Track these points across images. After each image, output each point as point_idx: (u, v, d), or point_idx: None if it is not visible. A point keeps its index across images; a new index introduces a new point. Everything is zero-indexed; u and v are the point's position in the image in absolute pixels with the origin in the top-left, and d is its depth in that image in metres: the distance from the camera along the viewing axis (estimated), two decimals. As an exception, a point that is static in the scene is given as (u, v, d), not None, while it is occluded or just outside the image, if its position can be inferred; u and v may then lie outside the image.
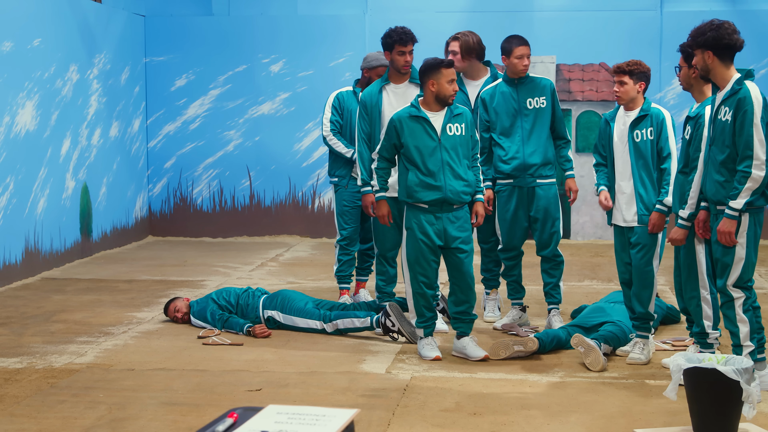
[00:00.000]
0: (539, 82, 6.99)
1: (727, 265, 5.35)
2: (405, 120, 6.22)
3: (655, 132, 6.09)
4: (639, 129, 6.10)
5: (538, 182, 6.95)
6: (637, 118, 6.11)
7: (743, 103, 5.20)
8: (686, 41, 5.55)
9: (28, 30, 9.38)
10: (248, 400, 5.38)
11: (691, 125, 5.72)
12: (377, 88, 7.10)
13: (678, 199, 5.77)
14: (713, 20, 5.36)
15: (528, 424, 5.03)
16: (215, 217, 12.21)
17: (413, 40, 7.06)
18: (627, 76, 6.10)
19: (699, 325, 5.83)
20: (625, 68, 6.10)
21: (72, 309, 7.89)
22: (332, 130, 7.79)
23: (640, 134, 6.10)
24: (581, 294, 8.38)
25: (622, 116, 6.20)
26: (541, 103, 6.94)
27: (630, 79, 6.09)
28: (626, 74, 6.10)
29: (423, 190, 6.16)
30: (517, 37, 6.98)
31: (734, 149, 5.26)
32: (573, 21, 11.63)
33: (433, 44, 11.46)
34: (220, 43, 12.04)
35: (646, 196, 6.12)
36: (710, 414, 4.56)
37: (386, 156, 6.33)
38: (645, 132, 6.10)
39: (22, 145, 9.23)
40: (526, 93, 6.94)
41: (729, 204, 5.25)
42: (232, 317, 7.02)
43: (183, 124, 12.21)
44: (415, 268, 6.23)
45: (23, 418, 5.14)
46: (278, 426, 2.95)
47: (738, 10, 11.42)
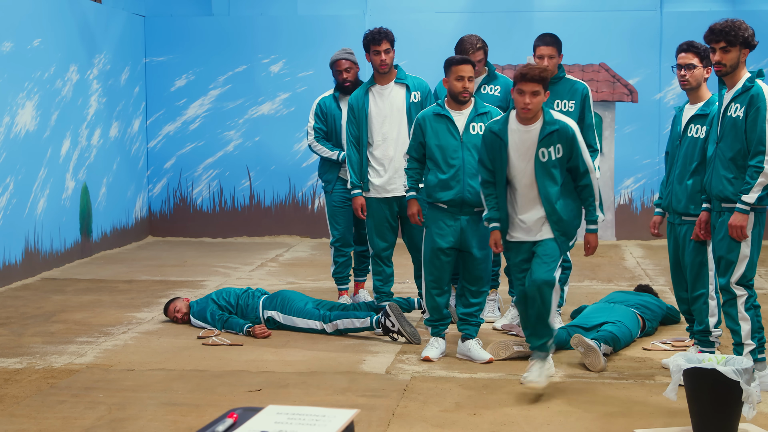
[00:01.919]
0: (572, 85, 6.72)
1: (732, 262, 5.38)
2: (429, 119, 6.23)
3: (565, 149, 5.60)
4: (545, 147, 5.56)
5: None
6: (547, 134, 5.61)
7: (756, 100, 5.25)
8: (713, 38, 5.34)
9: (28, 30, 9.38)
10: (248, 401, 5.38)
11: (703, 123, 5.73)
12: (363, 91, 7.13)
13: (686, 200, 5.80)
14: (736, 19, 5.36)
15: (528, 424, 5.03)
16: (215, 217, 12.21)
17: (388, 39, 6.99)
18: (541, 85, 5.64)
19: (702, 323, 5.84)
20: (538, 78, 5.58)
21: (72, 309, 7.89)
22: (316, 138, 7.78)
23: (546, 152, 5.60)
24: (581, 294, 8.37)
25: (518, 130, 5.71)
26: (570, 106, 6.66)
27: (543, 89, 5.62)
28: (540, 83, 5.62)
29: (441, 190, 6.17)
30: (543, 36, 6.75)
31: (746, 145, 5.29)
32: (573, 21, 11.63)
33: (433, 44, 11.49)
34: (220, 43, 12.04)
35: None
36: (710, 414, 4.56)
37: (415, 156, 6.32)
38: (553, 149, 5.59)
39: (22, 146, 9.23)
40: (556, 94, 6.66)
41: (741, 198, 5.28)
42: (231, 317, 7.02)
43: (183, 125, 12.21)
44: (429, 267, 6.27)
45: (23, 418, 5.14)
46: (278, 426, 2.95)
47: (738, 10, 11.42)
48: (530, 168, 5.62)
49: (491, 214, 5.80)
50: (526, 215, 5.69)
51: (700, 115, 5.77)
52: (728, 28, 5.29)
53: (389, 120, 7.05)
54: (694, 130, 5.78)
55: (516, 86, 5.52)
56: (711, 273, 5.80)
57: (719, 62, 5.35)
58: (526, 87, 5.48)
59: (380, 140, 7.11)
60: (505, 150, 5.66)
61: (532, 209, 5.67)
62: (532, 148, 5.59)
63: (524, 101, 5.50)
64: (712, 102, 5.77)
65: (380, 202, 7.14)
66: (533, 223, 5.68)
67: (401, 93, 7.09)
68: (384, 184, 7.09)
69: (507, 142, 5.65)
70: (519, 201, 5.71)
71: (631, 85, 11.61)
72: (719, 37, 5.30)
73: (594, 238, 5.81)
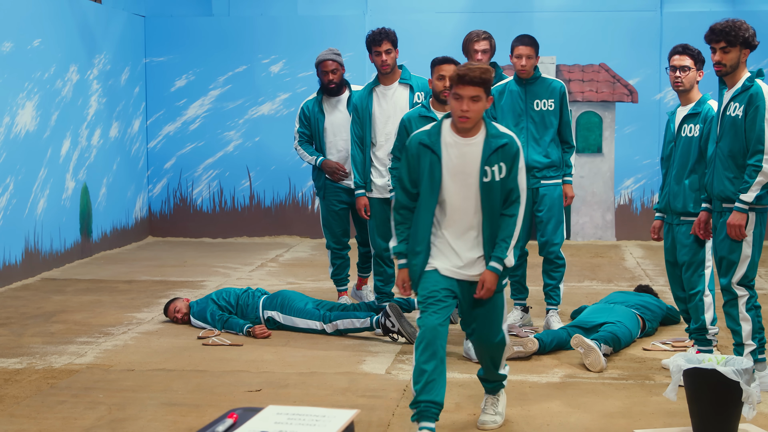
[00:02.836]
0: (549, 84, 6.84)
1: (734, 263, 5.38)
2: (415, 120, 6.17)
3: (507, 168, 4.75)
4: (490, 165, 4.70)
5: (542, 183, 6.88)
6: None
7: (755, 99, 5.26)
8: (713, 38, 5.34)
9: (28, 30, 9.38)
10: (248, 401, 5.38)
11: (697, 122, 5.74)
12: (367, 91, 7.13)
13: (683, 199, 5.80)
14: (737, 20, 5.37)
15: (528, 424, 5.03)
16: (215, 217, 12.21)
17: (389, 39, 6.97)
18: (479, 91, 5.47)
19: (698, 320, 5.84)
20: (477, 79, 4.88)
21: (72, 309, 7.89)
22: (299, 142, 7.76)
23: (490, 171, 4.72)
24: (581, 294, 8.37)
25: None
26: (549, 105, 6.80)
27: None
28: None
29: None
30: (521, 37, 6.86)
31: (745, 144, 5.29)
32: (573, 22, 11.63)
33: (433, 44, 11.48)
34: (220, 43, 12.04)
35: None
36: (710, 414, 4.56)
37: (399, 156, 6.18)
38: (497, 168, 4.72)
39: (22, 146, 9.23)
40: (534, 94, 6.81)
41: (740, 197, 5.28)
42: (231, 318, 7.02)
43: (183, 125, 12.21)
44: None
45: (23, 418, 5.14)
46: (278, 426, 2.95)
47: (738, 10, 11.42)
48: (472, 191, 4.68)
49: (400, 248, 4.78)
50: (460, 245, 4.73)
51: (693, 114, 5.79)
52: (728, 28, 5.29)
53: (392, 120, 7.04)
54: (688, 130, 5.79)
55: (453, 90, 4.59)
56: (707, 272, 5.81)
57: (719, 62, 5.34)
58: (465, 91, 4.55)
59: (383, 140, 7.11)
60: (438, 167, 4.67)
61: (467, 240, 4.72)
62: (475, 165, 4.65)
63: (462, 108, 4.55)
64: (704, 101, 5.80)
65: (382, 202, 7.15)
66: (468, 257, 4.73)
67: (405, 93, 7.09)
68: (386, 184, 7.10)
69: (441, 157, 4.67)
70: (451, 228, 4.73)
71: (631, 85, 11.61)
72: (720, 37, 5.30)
73: (491, 277, 4.67)
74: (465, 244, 4.74)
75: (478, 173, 4.64)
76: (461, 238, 4.73)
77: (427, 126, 4.83)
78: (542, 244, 6.97)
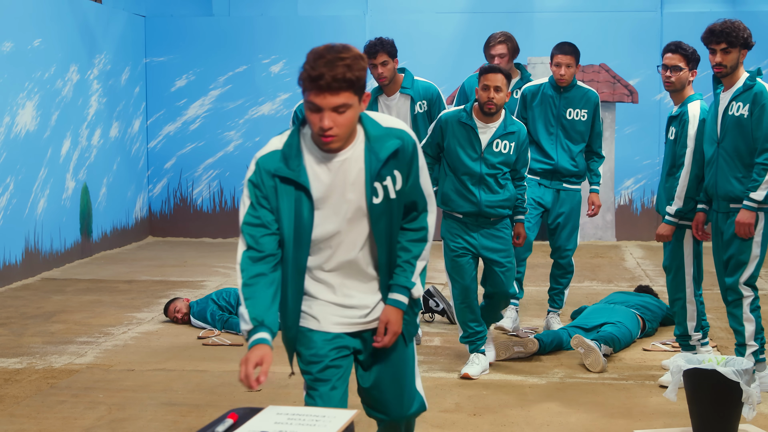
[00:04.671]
0: (585, 93, 6.70)
1: (743, 263, 5.36)
2: (453, 123, 5.79)
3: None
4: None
5: (564, 186, 6.78)
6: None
7: (760, 98, 5.25)
8: (713, 39, 5.30)
9: (28, 30, 9.38)
10: (248, 401, 5.37)
11: (676, 125, 5.70)
12: (372, 100, 7.01)
13: (665, 202, 5.75)
14: (734, 20, 5.34)
15: (528, 424, 5.03)
16: (215, 217, 12.21)
17: (385, 50, 6.55)
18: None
19: (682, 326, 5.82)
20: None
21: (72, 309, 7.89)
22: None
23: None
24: (581, 295, 8.37)
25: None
26: (582, 115, 6.68)
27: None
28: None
29: (459, 199, 5.76)
30: (561, 45, 6.68)
31: (752, 143, 5.28)
32: (573, 22, 11.63)
33: (433, 45, 11.50)
34: (220, 43, 12.04)
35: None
36: (710, 415, 4.56)
37: (429, 153, 5.90)
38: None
39: (22, 146, 9.23)
40: (569, 102, 6.67)
41: (749, 195, 5.26)
42: (232, 318, 7.02)
43: (183, 125, 12.21)
44: (453, 277, 5.89)
45: (23, 418, 5.14)
46: (278, 427, 2.95)
47: (738, 11, 11.42)
48: (358, 219, 3.41)
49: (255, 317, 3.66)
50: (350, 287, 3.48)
51: (674, 116, 5.74)
52: (729, 29, 5.28)
53: None
54: (670, 133, 5.75)
55: (306, 98, 3.35)
56: (688, 278, 5.73)
57: (720, 63, 5.31)
58: (324, 101, 3.29)
59: None
60: (306, 203, 3.39)
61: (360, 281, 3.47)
62: (359, 186, 3.36)
63: (323, 124, 3.24)
64: (685, 102, 5.67)
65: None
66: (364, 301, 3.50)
67: (406, 104, 6.81)
68: None
69: (309, 187, 3.37)
70: (335, 273, 3.46)
71: (632, 85, 11.61)
72: (720, 39, 5.29)
73: (395, 315, 3.42)
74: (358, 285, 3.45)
75: (364, 194, 3.34)
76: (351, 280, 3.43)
77: (277, 142, 3.50)
78: (555, 248, 6.88)
